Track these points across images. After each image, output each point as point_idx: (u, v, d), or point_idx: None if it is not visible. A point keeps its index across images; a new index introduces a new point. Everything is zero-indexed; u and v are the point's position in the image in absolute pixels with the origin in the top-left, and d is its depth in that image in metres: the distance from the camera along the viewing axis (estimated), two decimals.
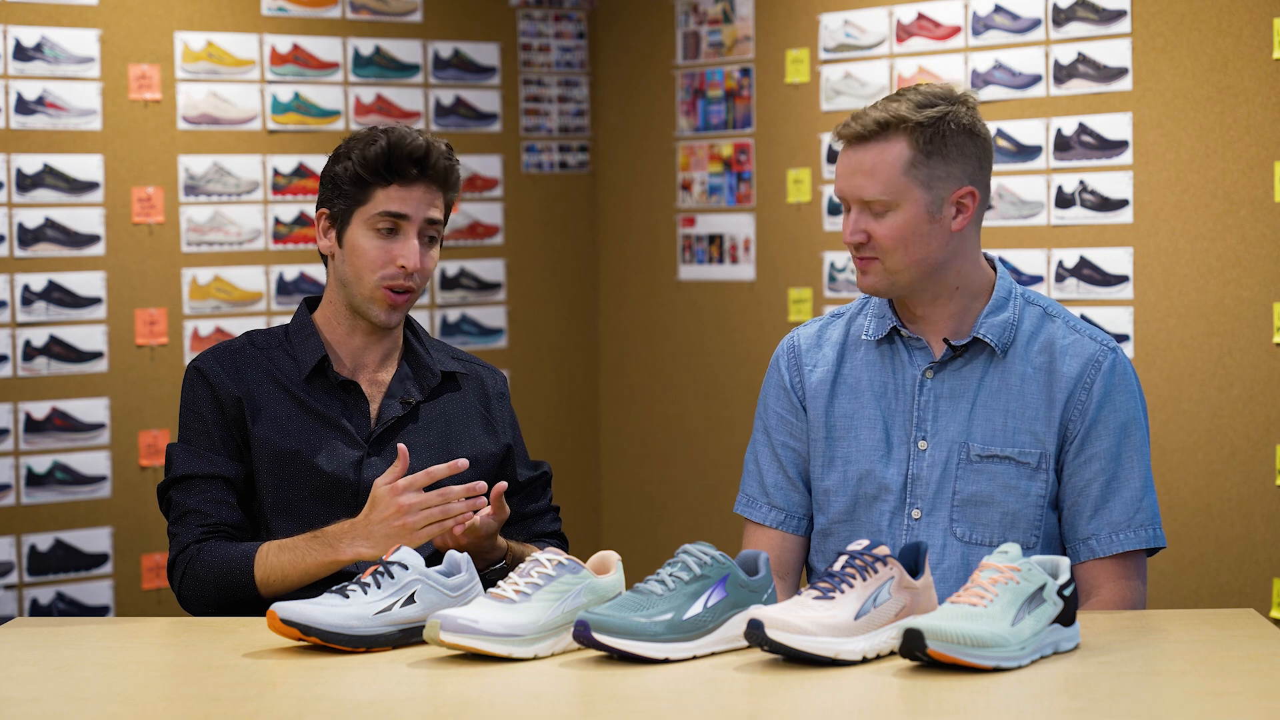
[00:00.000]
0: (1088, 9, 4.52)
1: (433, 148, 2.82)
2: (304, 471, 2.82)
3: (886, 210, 2.64)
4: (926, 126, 2.63)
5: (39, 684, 2.28)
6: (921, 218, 2.64)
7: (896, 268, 2.66)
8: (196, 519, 2.78)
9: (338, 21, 5.35)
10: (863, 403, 2.76)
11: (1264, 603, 4.23)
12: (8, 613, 4.84)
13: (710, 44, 5.50)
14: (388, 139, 2.80)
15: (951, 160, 2.65)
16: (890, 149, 2.64)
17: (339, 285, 2.87)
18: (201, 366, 2.86)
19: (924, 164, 2.63)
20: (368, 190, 2.81)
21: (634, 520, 5.81)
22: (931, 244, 2.66)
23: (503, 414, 2.99)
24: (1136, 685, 2.16)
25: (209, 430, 2.82)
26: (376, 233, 2.82)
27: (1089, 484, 2.67)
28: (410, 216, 2.82)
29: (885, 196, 2.63)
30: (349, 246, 2.83)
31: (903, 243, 2.64)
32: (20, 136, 4.87)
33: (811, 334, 2.85)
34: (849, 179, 2.67)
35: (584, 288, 5.90)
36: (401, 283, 2.82)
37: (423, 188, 2.82)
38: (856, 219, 2.67)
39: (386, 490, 2.64)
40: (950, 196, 2.66)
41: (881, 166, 2.64)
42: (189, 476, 2.80)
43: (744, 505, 2.86)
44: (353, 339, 2.89)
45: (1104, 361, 2.69)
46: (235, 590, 2.72)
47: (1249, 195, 4.23)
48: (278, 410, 2.84)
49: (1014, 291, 2.74)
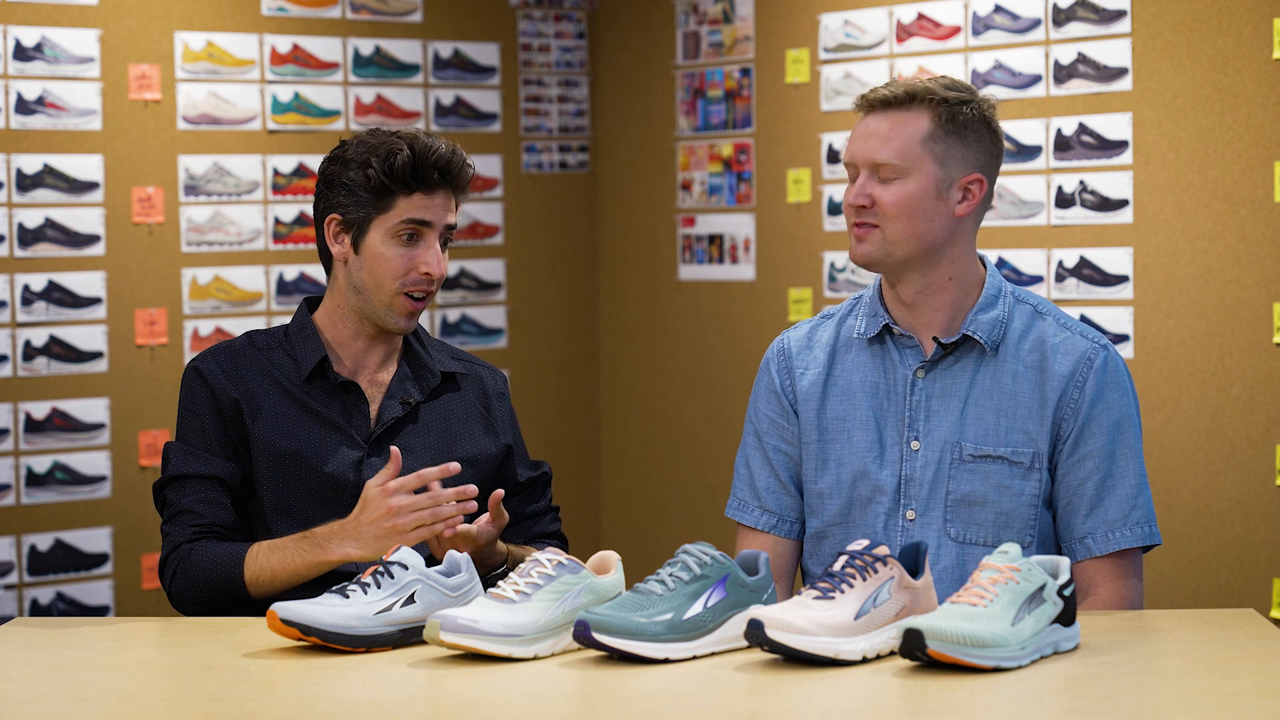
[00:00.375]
0: (1088, 9, 4.52)
1: (455, 154, 2.83)
2: (304, 472, 2.82)
3: (896, 177, 2.66)
4: (952, 104, 2.66)
5: (39, 684, 2.28)
6: (929, 192, 2.65)
7: (895, 238, 2.66)
8: (189, 519, 2.78)
9: (338, 21, 5.35)
10: (855, 404, 2.76)
11: (1264, 603, 4.23)
12: (8, 613, 4.84)
13: (710, 44, 5.50)
14: (412, 148, 2.79)
15: (968, 144, 2.67)
16: (913, 118, 2.66)
17: (351, 291, 2.86)
18: (200, 367, 2.85)
19: (942, 140, 2.66)
20: (390, 198, 2.81)
21: (634, 520, 5.81)
22: (933, 221, 2.66)
23: (503, 414, 2.99)
24: (1136, 685, 2.16)
25: (206, 431, 2.82)
26: (398, 240, 2.82)
27: (1084, 483, 2.67)
28: (433, 223, 2.82)
29: (898, 161, 2.65)
30: (368, 254, 2.83)
31: (906, 212, 2.65)
32: (20, 136, 4.87)
33: (801, 336, 2.85)
34: (864, 141, 2.68)
35: (584, 288, 5.90)
36: (423, 289, 2.83)
37: (444, 194, 2.83)
38: (863, 183, 2.68)
39: (378, 491, 2.64)
40: (960, 180, 2.67)
41: (901, 132, 2.66)
42: (184, 476, 2.80)
43: (735, 509, 2.86)
44: (356, 341, 2.89)
45: (1096, 359, 2.69)
46: (225, 590, 2.72)
47: (1249, 195, 4.23)
48: (278, 411, 2.84)
49: (1004, 289, 2.74)
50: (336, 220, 2.85)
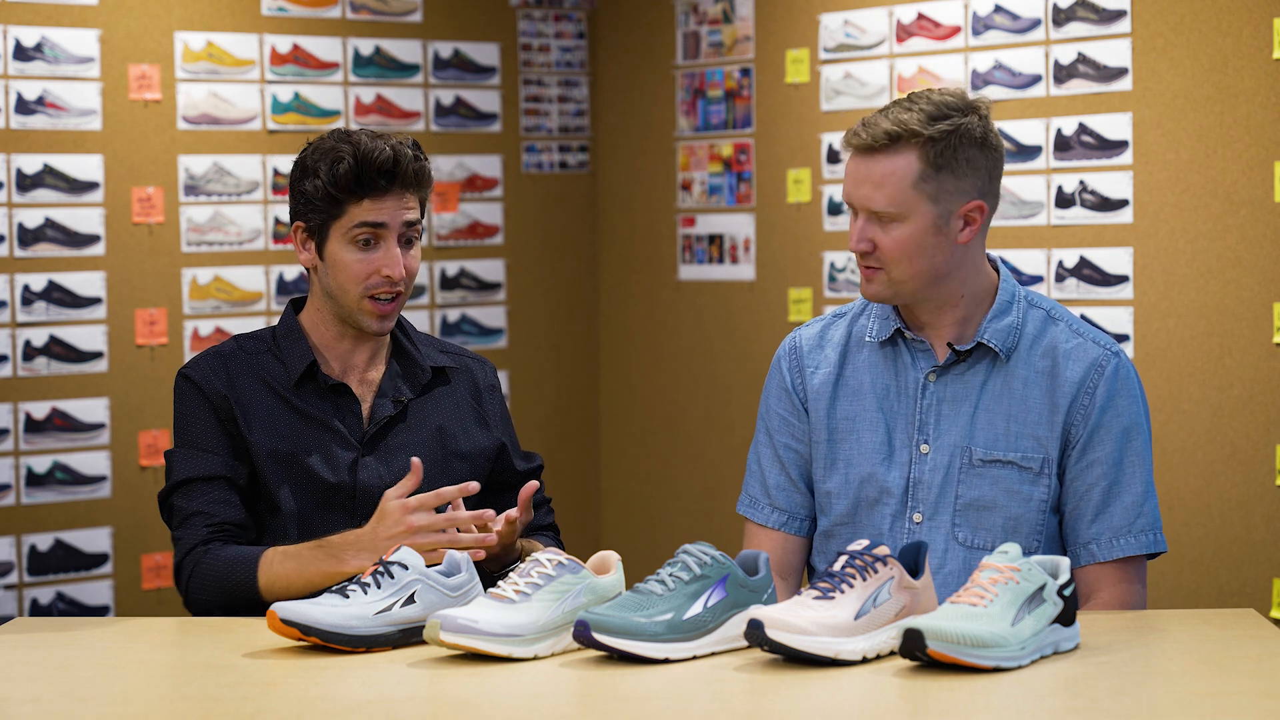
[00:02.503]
0: (1088, 9, 4.52)
1: (399, 154, 2.78)
2: (299, 474, 2.81)
3: (893, 221, 2.62)
4: (937, 141, 2.59)
5: (39, 684, 2.28)
6: (928, 230, 2.62)
7: (901, 278, 2.64)
8: (201, 520, 2.77)
9: (338, 21, 5.35)
10: (864, 405, 2.75)
11: (1264, 603, 4.23)
12: (8, 613, 4.84)
13: (710, 44, 5.50)
14: (354, 155, 2.76)
15: (961, 175, 2.62)
16: (899, 161, 2.61)
17: (325, 296, 2.86)
18: (190, 374, 2.85)
19: (933, 178, 2.61)
20: (340, 205, 2.79)
21: (634, 520, 5.81)
22: (937, 256, 2.64)
23: (494, 406, 2.98)
24: (1136, 685, 2.16)
25: (204, 433, 2.81)
26: (355, 244, 2.80)
27: (1090, 489, 2.67)
28: (387, 224, 2.80)
29: (892, 209, 2.61)
30: (330, 260, 2.82)
31: (908, 255, 2.62)
32: (20, 136, 4.87)
33: (813, 335, 2.83)
34: (857, 187, 2.64)
35: (584, 288, 5.90)
36: (387, 290, 2.81)
37: (395, 195, 2.80)
38: (863, 227, 2.64)
39: (397, 506, 2.62)
40: (958, 210, 2.63)
41: (890, 179, 2.61)
42: (189, 480, 2.79)
43: (746, 506, 2.86)
44: (341, 343, 2.89)
45: (1107, 366, 2.67)
46: (240, 594, 2.70)
47: (1249, 195, 4.23)
48: (270, 414, 2.83)
49: (1017, 295, 2.73)
50: (301, 228, 2.85)
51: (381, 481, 2.81)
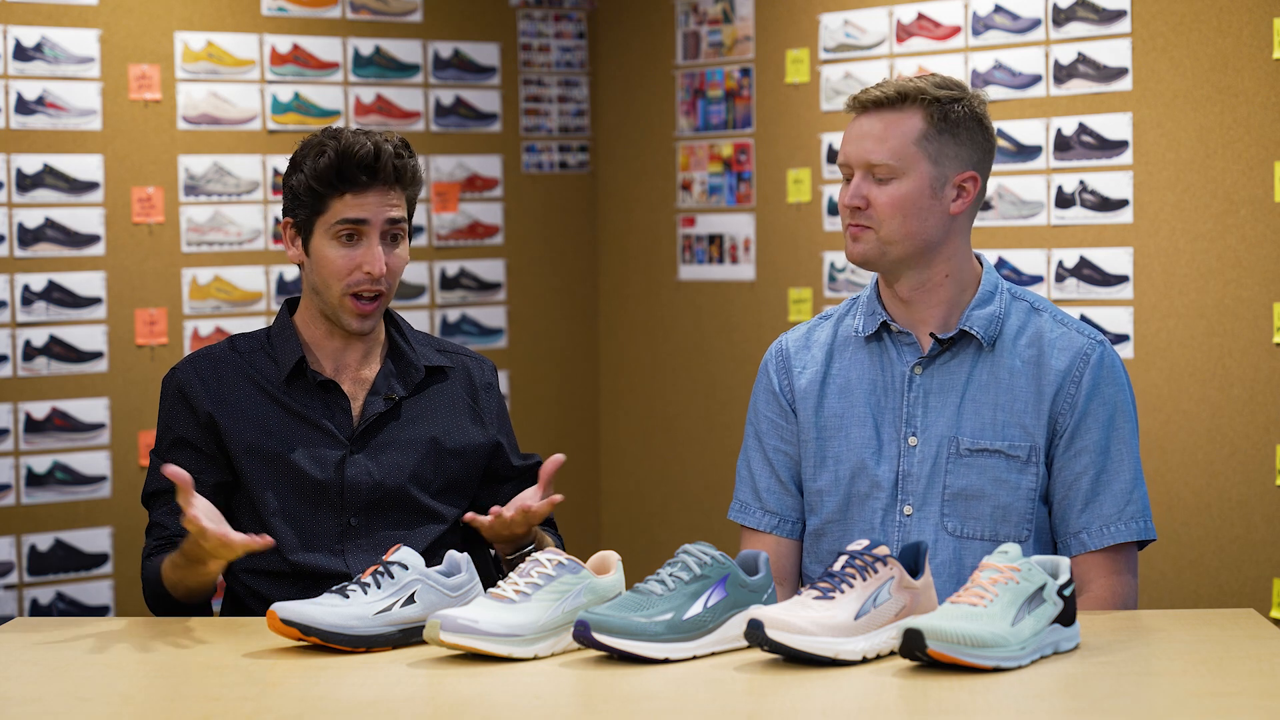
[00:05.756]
0: (1088, 9, 4.52)
1: (381, 150, 2.78)
2: (287, 473, 2.82)
3: (890, 178, 2.67)
4: (944, 103, 2.68)
5: (39, 684, 2.28)
6: (924, 191, 2.67)
7: (891, 238, 2.68)
8: (157, 532, 2.83)
9: (338, 21, 5.35)
10: (853, 401, 2.77)
11: (1264, 603, 4.23)
12: (8, 613, 4.85)
13: (710, 44, 5.50)
14: (335, 149, 2.77)
15: (961, 141, 2.69)
16: (905, 118, 2.68)
17: (312, 293, 2.87)
18: (179, 377, 2.86)
19: (935, 139, 2.67)
20: (323, 200, 2.79)
21: (634, 520, 5.81)
22: (928, 220, 2.68)
23: (490, 404, 2.98)
24: (1136, 685, 2.16)
25: (179, 444, 2.83)
26: (338, 240, 2.80)
27: (1079, 477, 2.68)
28: (369, 220, 2.79)
29: (893, 161, 2.66)
30: (314, 256, 2.83)
31: (901, 212, 2.67)
32: (20, 136, 4.87)
33: (799, 337, 2.86)
34: (858, 143, 2.69)
35: (584, 288, 5.90)
36: (368, 288, 2.81)
37: (377, 191, 2.79)
38: (858, 184, 2.69)
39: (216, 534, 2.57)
40: (954, 178, 2.69)
41: (894, 133, 2.67)
42: (156, 492, 2.84)
43: (738, 511, 2.86)
44: (331, 340, 2.89)
45: (1092, 354, 2.70)
46: (167, 600, 2.76)
47: (1249, 195, 4.23)
48: (259, 414, 2.84)
49: (1000, 286, 2.76)
50: (289, 224, 2.86)
51: (370, 479, 2.82)
